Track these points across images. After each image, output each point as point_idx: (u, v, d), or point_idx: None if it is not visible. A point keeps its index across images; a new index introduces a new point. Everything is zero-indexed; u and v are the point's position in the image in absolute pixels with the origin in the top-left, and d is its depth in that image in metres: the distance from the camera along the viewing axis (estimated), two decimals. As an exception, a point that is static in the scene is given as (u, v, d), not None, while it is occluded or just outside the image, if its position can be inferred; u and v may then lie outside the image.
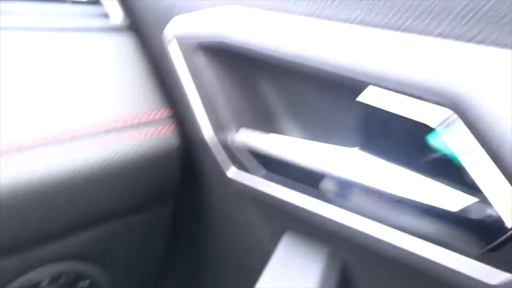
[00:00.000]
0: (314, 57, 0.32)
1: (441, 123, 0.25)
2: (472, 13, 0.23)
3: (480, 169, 0.24)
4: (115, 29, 0.56)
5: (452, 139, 0.25)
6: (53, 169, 0.45)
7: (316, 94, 0.40)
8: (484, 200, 0.26)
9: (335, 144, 0.38)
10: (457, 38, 0.24)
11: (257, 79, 0.45)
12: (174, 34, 0.50)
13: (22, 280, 0.52)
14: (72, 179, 0.47)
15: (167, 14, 0.52)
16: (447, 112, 0.25)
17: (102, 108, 0.50)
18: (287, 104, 0.44)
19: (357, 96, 0.31)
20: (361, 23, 0.29)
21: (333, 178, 0.36)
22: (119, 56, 0.55)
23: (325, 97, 0.39)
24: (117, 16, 0.57)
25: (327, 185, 0.37)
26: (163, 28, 0.52)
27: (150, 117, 0.53)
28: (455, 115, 0.24)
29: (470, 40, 0.23)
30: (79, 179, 0.47)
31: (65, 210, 0.49)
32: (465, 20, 0.23)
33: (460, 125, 0.24)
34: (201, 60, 0.47)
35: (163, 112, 0.54)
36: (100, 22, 0.56)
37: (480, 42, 0.23)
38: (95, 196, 0.50)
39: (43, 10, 0.53)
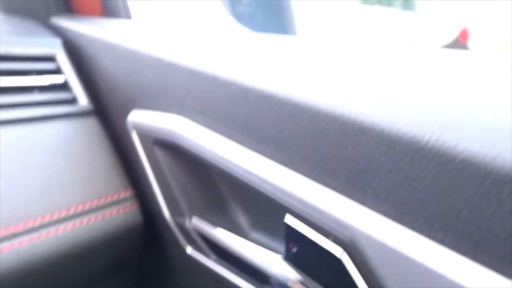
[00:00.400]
0: (242, 175, 0.38)
1: (340, 255, 0.31)
2: (359, 177, 0.29)
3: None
4: (81, 114, 0.61)
5: (348, 267, 0.31)
6: (23, 257, 0.49)
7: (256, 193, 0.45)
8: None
9: (271, 239, 0.44)
10: (348, 196, 0.30)
11: (208, 173, 0.51)
12: (134, 125, 0.55)
13: None
14: (41, 262, 0.51)
15: (129, 104, 0.57)
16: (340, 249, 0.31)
17: (71, 193, 0.55)
18: (236, 196, 0.50)
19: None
20: (279, 162, 0.35)
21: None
22: (86, 140, 0.59)
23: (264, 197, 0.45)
24: (83, 101, 0.62)
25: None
26: (126, 115, 0.57)
27: (115, 197, 0.58)
28: (345, 253, 0.31)
29: (355, 199, 0.30)
30: (48, 261, 0.51)
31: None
32: (352, 182, 0.30)
33: (348, 260, 0.31)
34: (158, 153, 0.53)
35: (127, 192, 0.59)
36: (67, 108, 0.61)
37: (362, 203, 0.29)
38: (62, 273, 0.55)
39: (12, 101, 0.57)
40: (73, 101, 0.63)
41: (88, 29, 0.63)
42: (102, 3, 0.67)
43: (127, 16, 0.66)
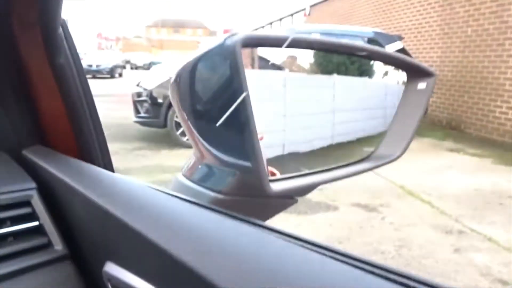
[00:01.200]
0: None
1: None
2: None
3: None
4: (56, 260, 0.63)
5: None
6: None
7: None
8: None
9: None
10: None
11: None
12: (109, 278, 0.58)
13: None
14: None
15: (103, 255, 0.59)
16: None
17: None
18: None
19: None
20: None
21: None
22: (60, 288, 0.61)
23: None
24: (58, 245, 0.64)
25: None
26: (102, 264, 0.59)
27: None
28: None
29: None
30: None
31: None
32: None
33: None
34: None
35: None
36: (42, 256, 0.62)
37: None
38: None
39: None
40: (47, 245, 0.64)
41: (64, 173, 0.66)
42: (78, 146, 0.70)
43: (106, 165, 0.70)
